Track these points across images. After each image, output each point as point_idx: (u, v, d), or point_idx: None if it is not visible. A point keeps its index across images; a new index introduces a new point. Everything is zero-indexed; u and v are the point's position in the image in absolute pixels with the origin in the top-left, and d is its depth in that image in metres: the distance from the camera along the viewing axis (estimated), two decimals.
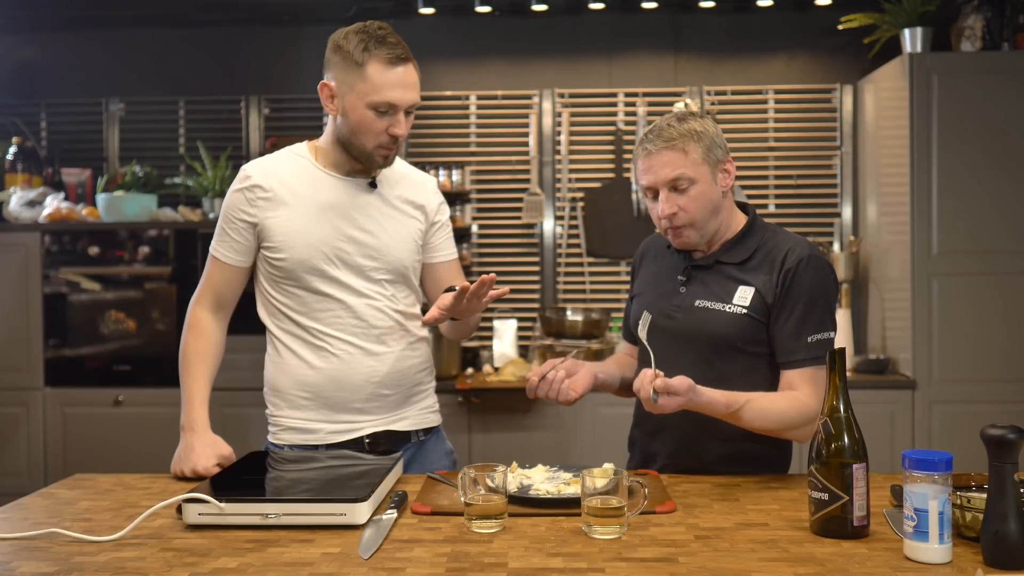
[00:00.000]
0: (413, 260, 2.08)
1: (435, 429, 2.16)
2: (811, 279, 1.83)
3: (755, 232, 1.93)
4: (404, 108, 1.93)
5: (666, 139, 1.84)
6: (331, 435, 2.01)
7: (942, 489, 1.28)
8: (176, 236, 4.07)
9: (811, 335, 1.81)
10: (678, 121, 1.86)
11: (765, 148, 4.40)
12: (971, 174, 3.73)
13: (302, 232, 1.97)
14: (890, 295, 3.99)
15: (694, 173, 1.84)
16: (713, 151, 1.86)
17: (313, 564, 1.32)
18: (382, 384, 2.03)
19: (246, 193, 1.99)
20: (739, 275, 1.89)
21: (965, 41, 3.87)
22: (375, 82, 1.89)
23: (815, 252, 1.87)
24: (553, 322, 4.09)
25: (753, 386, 1.84)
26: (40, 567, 1.32)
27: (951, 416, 3.73)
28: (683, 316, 1.91)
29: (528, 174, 4.43)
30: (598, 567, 1.30)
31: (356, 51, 1.90)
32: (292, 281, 1.99)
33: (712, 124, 1.89)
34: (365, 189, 2.03)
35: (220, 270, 2.03)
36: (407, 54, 1.93)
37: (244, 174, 2.01)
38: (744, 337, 1.86)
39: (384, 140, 1.94)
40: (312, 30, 4.47)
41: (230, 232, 2.01)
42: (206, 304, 2.05)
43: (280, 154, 2.06)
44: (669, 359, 1.93)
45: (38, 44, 4.56)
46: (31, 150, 4.40)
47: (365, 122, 1.92)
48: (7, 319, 4.05)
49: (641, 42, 4.44)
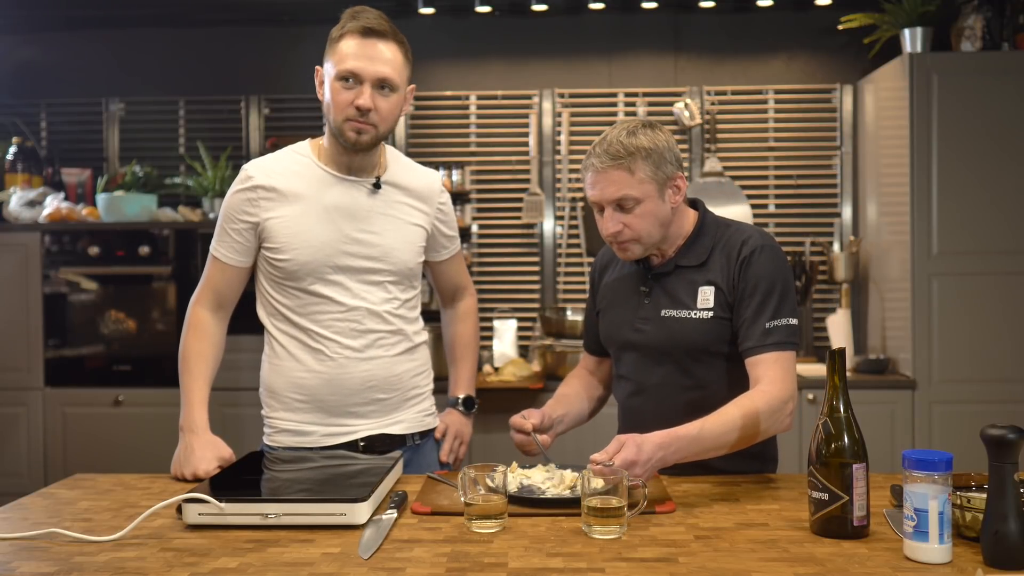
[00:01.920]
0: (416, 261, 2.07)
1: (430, 432, 2.16)
2: (766, 268, 1.82)
3: (707, 230, 1.92)
4: (369, 79, 1.89)
5: (613, 156, 1.80)
6: (325, 438, 2.01)
7: (942, 489, 1.28)
8: (176, 236, 4.07)
9: (769, 321, 1.80)
10: (627, 135, 1.81)
11: (765, 148, 4.40)
12: (971, 174, 3.73)
13: (306, 234, 1.96)
14: (890, 295, 3.99)
15: (639, 193, 1.81)
16: (662, 168, 1.82)
17: (313, 564, 1.32)
18: (378, 388, 2.02)
19: (248, 193, 1.98)
20: (700, 276, 1.88)
21: (965, 41, 3.87)
22: (342, 53, 1.91)
23: (768, 241, 1.86)
24: (553, 322, 4.09)
25: (733, 387, 1.84)
26: (40, 567, 1.32)
27: (951, 416, 3.73)
28: (652, 328, 1.90)
29: (528, 174, 4.43)
30: (598, 567, 1.30)
31: (335, 31, 1.94)
32: (293, 282, 1.98)
33: (664, 137, 1.84)
34: (369, 190, 2.01)
35: (220, 270, 2.02)
36: (384, 29, 1.92)
37: (245, 174, 1.99)
38: (715, 340, 1.86)
39: (351, 113, 1.90)
40: (312, 30, 4.46)
41: (231, 232, 2.00)
42: (206, 304, 2.04)
43: (282, 153, 2.04)
44: (645, 373, 1.93)
45: (38, 44, 4.56)
46: (31, 150, 4.40)
47: (335, 97, 1.92)
48: (7, 319, 4.05)
49: (641, 42, 4.44)
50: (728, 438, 1.71)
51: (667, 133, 1.87)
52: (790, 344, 1.80)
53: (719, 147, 4.38)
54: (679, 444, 1.66)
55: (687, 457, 1.68)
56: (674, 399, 1.89)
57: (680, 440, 1.66)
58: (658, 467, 1.65)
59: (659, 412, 1.88)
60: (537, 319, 4.29)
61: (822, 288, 4.36)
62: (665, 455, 1.64)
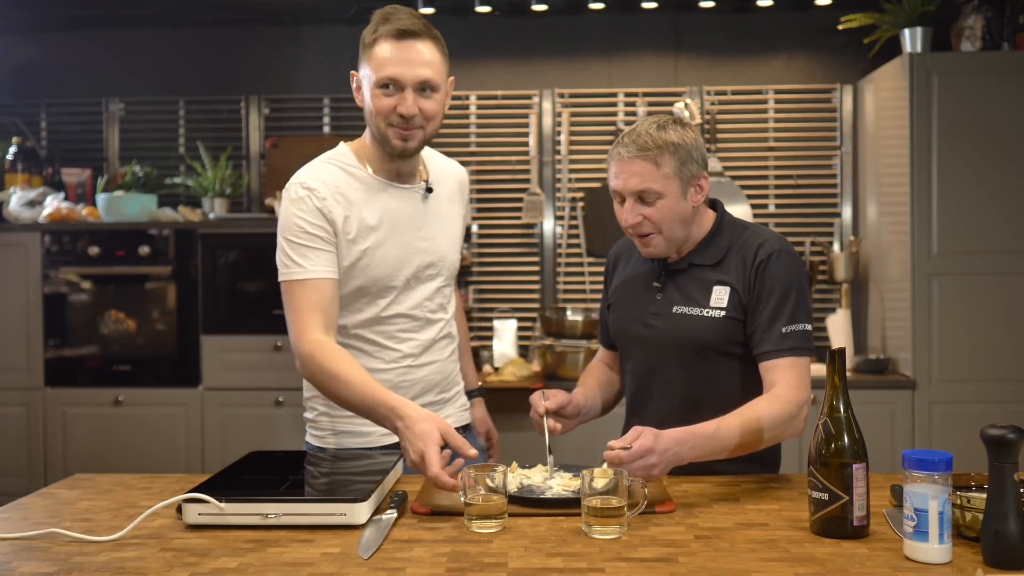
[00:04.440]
0: (459, 258, 2.09)
1: (467, 427, 2.17)
2: (783, 272, 1.82)
3: (724, 230, 1.92)
4: (410, 84, 1.83)
5: (640, 147, 1.80)
6: (384, 436, 1.93)
7: (942, 489, 1.28)
8: (176, 236, 4.07)
9: (785, 326, 1.80)
10: (657, 129, 1.81)
11: (765, 148, 4.39)
12: (971, 174, 3.73)
13: (379, 249, 1.89)
14: (890, 295, 3.99)
15: (662, 187, 1.81)
16: (688, 166, 1.82)
17: (313, 564, 1.32)
18: (435, 391, 2.02)
19: (315, 202, 1.85)
20: (714, 276, 1.88)
21: (965, 41, 3.87)
22: (379, 59, 1.83)
23: (785, 246, 1.86)
24: (553, 322, 4.09)
25: (737, 388, 1.85)
26: (40, 567, 1.32)
27: (951, 416, 3.73)
28: (662, 323, 1.90)
29: (528, 174, 4.43)
30: (598, 567, 1.30)
31: (368, 34, 1.87)
32: (358, 296, 1.92)
33: (693, 135, 1.84)
34: (422, 196, 1.98)
35: (317, 289, 1.84)
36: (418, 28, 1.83)
37: (305, 187, 1.86)
38: (725, 340, 1.85)
39: (395, 120, 1.84)
40: (312, 30, 4.47)
41: (311, 244, 1.84)
42: (318, 330, 1.82)
43: (327, 165, 1.92)
44: (652, 368, 1.93)
45: (38, 44, 4.56)
46: (31, 150, 4.39)
47: (376, 103, 1.85)
48: (7, 319, 4.05)
49: (641, 42, 4.44)
50: (742, 440, 1.71)
51: (696, 132, 1.87)
52: (806, 350, 1.81)
53: (719, 147, 4.38)
54: (695, 441, 1.66)
55: (702, 456, 1.68)
56: (680, 396, 1.89)
57: (696, 437, 1.66)
58: (674, 463, 1.64)
59: (664, 408, 1.89)
60: (537, 319, 4.29)
61: (822, 288, 4.36)
62: (680, 451, 1.64)
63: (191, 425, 3.97)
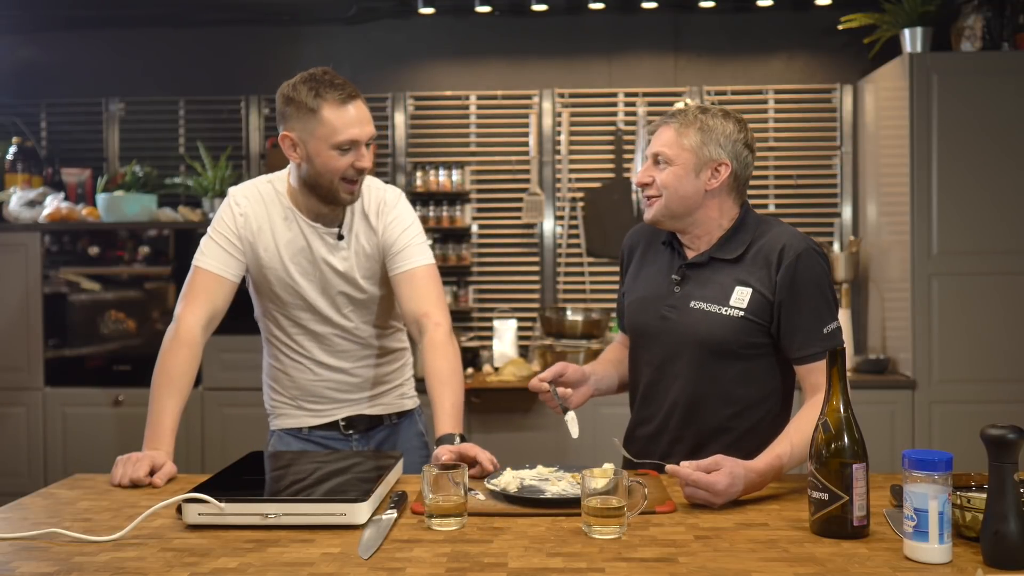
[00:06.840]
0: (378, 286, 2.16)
1: (409, 412, 2.29)
2: (814, 272, 1.82)
3: (747, 226, 1.91)
4: (365, 142, 2.00)
5: (675, 115, 1.89)
6: (311, 418, 2.20)
7: (942, 489, 1.28)
8: (176, 236, 4.07)
9: (826, 326, 1.80)
10: (700, 109, 1.89)
11: (765, 148, 4.40)
12: (971, 174, 3.73)
13: (278, 270, 2.09)
14: (890, 295, 3.99)
15: (675, 155, 1.86)
16: (709, 147, 1.85)
17: (313, 564, 1.32)
18: (354, 389, 2.20)
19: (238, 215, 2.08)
20: (735, 274, 1.87)
21: (965, 41, 3.87)
22: (333, 124, 1.96)
23: (810, 244, 1.85)
24: (553, 322, 4.09)
25: (746, 389, 1.85)
26: (40, 567, 1.32)
27: (951, 416, 3.73)
28: (678, 317, 1.89)
29: (528, 174, 4.43)
30: (598, 567, 1.30)
31: (308, 98, 1.97)
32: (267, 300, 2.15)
33: (732, 128, 1.88)
34: (334, 239, 2.10)
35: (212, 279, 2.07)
36: (355, 91, 2.01)
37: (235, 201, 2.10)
38: (741, 340, 1.84)
39: (350, 174, 2.00)
40: (312, 30, 4.47)
41: (221, 244, 2.07)
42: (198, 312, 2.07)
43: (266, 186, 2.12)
44: (662, 361, 1.93)
45: (38, 44, 4.56)
46: (31, 150, 4.40)
47: (330, 163, 1.98)
48: (7, 319, 4.05)
49: (641, 42, 4.44)
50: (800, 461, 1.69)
51: (742, 128, 1.90)
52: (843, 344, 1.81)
53: None
54: (762, 482, 1.65)
55: None
56: (686, 391, 1.88)
57: (764, 478, 1.65)
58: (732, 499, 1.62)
59: (671, 402, 1.89)
60: (537, 319, 4.29)
61: None
62: (746, 491, 1.63)
63: (191, 425, 3.97)
